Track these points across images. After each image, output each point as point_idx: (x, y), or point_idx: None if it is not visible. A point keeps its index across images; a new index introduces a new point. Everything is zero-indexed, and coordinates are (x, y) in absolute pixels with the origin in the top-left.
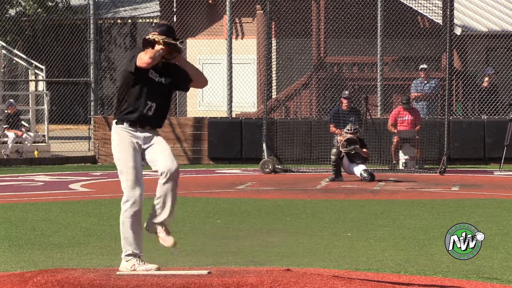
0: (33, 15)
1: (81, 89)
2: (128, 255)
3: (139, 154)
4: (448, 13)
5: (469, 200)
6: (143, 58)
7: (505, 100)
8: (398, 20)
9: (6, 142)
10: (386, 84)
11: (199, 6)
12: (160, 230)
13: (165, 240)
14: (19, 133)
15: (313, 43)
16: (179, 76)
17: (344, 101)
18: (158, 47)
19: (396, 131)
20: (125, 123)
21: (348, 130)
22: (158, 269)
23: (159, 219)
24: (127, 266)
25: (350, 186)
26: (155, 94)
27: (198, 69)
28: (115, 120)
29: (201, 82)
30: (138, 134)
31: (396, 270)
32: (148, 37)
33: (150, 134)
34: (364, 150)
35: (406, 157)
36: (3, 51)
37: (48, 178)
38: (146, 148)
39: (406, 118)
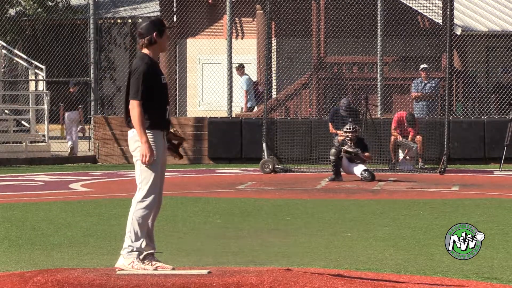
0: (33, 15)
1: (81, 89)
2: (131, 250)
3: None
4: (448, 13)
5: (469, 200)
6: (132, 109)
7: (505, 99)
8: (398, 20)
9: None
10: (386, 84)
11: (199, 6)
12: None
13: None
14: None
15: (313, 43)
16: None
17: (343, 112)
18: (142, 139)
19: (400, 137)
20: (152, 129)
21: (347, 129)
22: (156, 269)
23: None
24: (126, 262)
25: (350, 186)
26: (167, 97)
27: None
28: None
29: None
30: (163, 140)
31: (396, 270)
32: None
33: (166, 145)
34: (366, 154)
35: (407, 157)
36: (3, 51)
37: (48, 178)
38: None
39: (407, 128)
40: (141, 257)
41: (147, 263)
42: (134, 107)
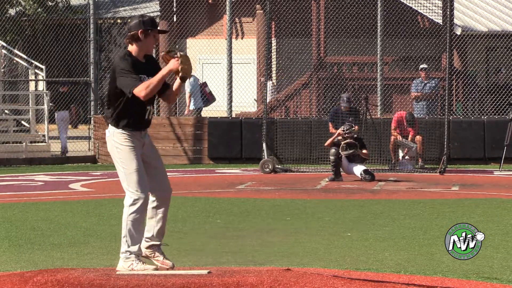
0: (33, 15)
1: (81, 89)
2: (129, 254)
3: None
4: (448, 13)
5: (469, 200)
6: (141, 94)
7: (505, 99)
8: (398, 20)
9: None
10: (386, 84)
11: (199, 6)
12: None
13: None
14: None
15: (313, 43)
16: None
17: (343, 104)
18: (160, 76)
19: (400, 137)
20: (129, 129)
21: (343, 130)
22: (156, 269)
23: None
24: (125, 265)
25: (350, 186)
26: (150, 98)
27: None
28: (114, 125)
29: (172, 101)
30: (141, 138)
31: (396, 270)
32: (176, 57)
33: (149, 140)
34: (364, 151)
35: (407, 157)
36: (3, 51)
37: (48, 178)
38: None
39: (407, 128)
40: (147, 251)
41: (150, 252)
42: (140, 91)
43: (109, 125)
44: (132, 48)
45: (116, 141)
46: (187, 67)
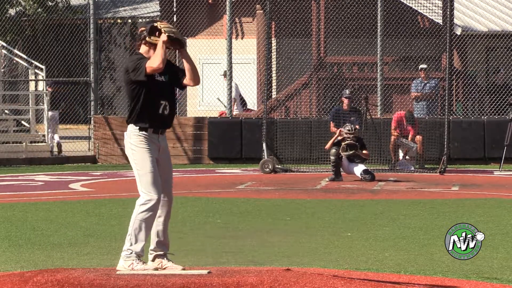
0: (33, 15)
1: (81, 89)
2: (130, 253)
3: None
4: (448, 13)
5: (469, 200)
6: (154, 65)
7: (505, 99)
8: (398, 20)
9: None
10: (386, 84)
11: (199, 6)
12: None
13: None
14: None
15: (313, 43)
16: (174, 74)
17: (345, 101)
18: (160, 44)
19: (398, 136)
20: (145, 132)
21: (348, 131)
22: (156, 269)
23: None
24: (125, 264)
25: (350, 186)
26: (164, 92)
27: (195, 66)
28: (133, 125)
29: (196, 79)
30: (158, 142)
31: (396, 270)
32: (156, 25)
33: (166, 145)
34: (365, 152)
35: (407, 157)
36: (3, 51)
37: (48, 178)
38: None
39: (407, 128)
40: (155, 265)
41: (158, 264)
42: (151, 64)
43: (128, 126)
44: (144, 50)
45: (132, 143)
46: (170, 29)
